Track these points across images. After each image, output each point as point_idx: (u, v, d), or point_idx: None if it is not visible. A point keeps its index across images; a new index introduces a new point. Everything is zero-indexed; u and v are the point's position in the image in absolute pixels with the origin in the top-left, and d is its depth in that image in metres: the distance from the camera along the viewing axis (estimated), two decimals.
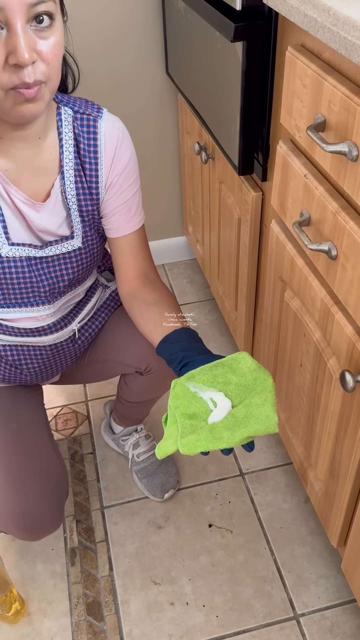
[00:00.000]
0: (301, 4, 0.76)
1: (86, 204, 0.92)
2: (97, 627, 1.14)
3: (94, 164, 0.89)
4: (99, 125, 0.88)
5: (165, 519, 1.30)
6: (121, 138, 0.91)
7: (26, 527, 0.99)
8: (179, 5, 1.31)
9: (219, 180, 1.38)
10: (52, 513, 1.01)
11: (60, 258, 0.93)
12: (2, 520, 1.00)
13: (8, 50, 0.67)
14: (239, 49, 0.98)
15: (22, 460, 1.00)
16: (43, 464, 1.02)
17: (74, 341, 1.08)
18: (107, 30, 1.52)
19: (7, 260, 0.89)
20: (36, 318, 0.98)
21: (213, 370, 0.79)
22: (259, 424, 0.73)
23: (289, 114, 0.87)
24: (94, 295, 1.09)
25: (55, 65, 0.73)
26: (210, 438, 0.73)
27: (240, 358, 0.80)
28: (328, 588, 1.17)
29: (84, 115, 0.88)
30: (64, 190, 0.89)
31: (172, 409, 0.78)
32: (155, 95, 1.67)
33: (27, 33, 0.68)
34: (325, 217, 0.80)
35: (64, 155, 0.87)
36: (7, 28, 0.67)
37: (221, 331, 1.77)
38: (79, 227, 0.93)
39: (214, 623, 1.13)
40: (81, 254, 0.95)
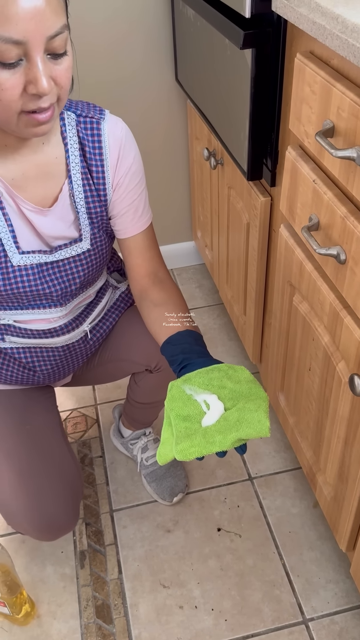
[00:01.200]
0: (310, 11, 0.77)
1: (94, 205, 0.93)
2: (106, 629, 1.14)
3: (100, 166, 0.90)
4: (102, 127, 0.89)
5: (174, 522, 1.31)
6: (124, 139, 0.92)
7: (42, 527, 1.00)
8: (188, 13, 1.32)
9: (227, 186, 1.39)
10: (68, 512, 1.02)
11: (70, 261, 0.95)
12: (18, 521, 1.01)
13: (27, 80, 0.70)
14: (248, 56, 0.99)
15: (37, 460, 1.01)
16: (57, 464, 1.03)
17: (85, 342, 1.10)
18: (117, 38, 1.54)
19: (19, 268, 0.91)
20: (48, 320, 1.00)
21: (209, 374, 0.81)
22: (251, 428, 0.74)
23: (298, 120, 0.87)
24: (104, 296, 1.10)
25: (68, 86, 0.75)
26: (203, 443, 0.74)
27: (238, 368, 0.82)
28: (337, 593, 1.17)
29: (87, 119, 0.89)
30: (73, 194, 0.90)
31: (167, 411, 0.79)
32: (164, 102, 1.68)
33: (45, 64, 0.70)
34: (334, 221, 0.81)
35: (70, 159, 0.89)
36: (27, 59, 0.69)
37: (230, 335, 1.77)
38: (88, 229, 0.94)
39: (223, 627, 1.13)
40: (90, 255, 0.96)
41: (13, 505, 0.99)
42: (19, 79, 0.69)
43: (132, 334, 1.13)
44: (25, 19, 0.65)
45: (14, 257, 0.90)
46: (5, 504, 1.01)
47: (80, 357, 1.13)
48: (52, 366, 1.08)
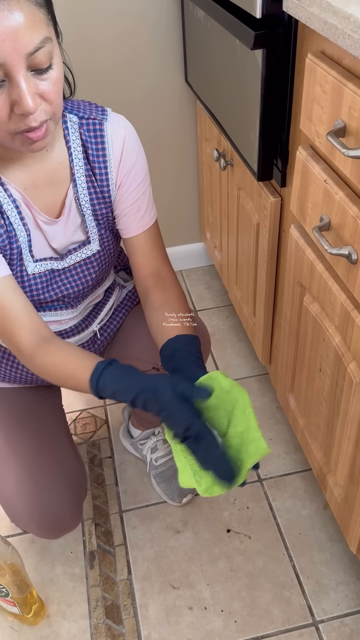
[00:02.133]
0: (321, 11, 0.77)
1: (100, 207, 0.93)
2: (116, 630, 1.14)
3: (103, 167, 0.90)
4: (105, 128, 0.89)
5: (183, 523, 1.31)
6: (127, 137, 0.91)
7: (45, 525, 1.01)
8: (198, 14, 1.32)
9: (237, 187, 1.39)
10: (71, 511, 1.02)
11: (81, 264, 0.95)
12: (22, 519, 1.01)
13: (12, 101, 0.69)
14: (259, 56, 0.99)
15: (42, 459, 1.02)
16: (62, 462, 1.04)
17: (94, 342, 1.10)
18: (126, 39, 1.54)
19: (33, 277, 0.92)
20: (59, 322, 1.00)
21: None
22: (253, 456, 0.75)
23: (309, 119, 0.87)
24: (112, 295, 1.11)
25: (58, 100, 0.74)
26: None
27: (214, 379, 0.79)
28: (347, 595, 1.16)
29: (89, 120, 0.88)
30: (78, 198, 0.91)
31: (171, 443, 0.78)
32: (174, 103, 1.69)
33: (29, 81, 0.68)
34: (345, 221, 0.81)
35: (74, 163, 0.89)
36: (9, 79, 0.67)
37: (239, 337, 1.77)
38: (95, 230, 0.95)
39: (233, 628, 1.13)
40: (100, 256, 0.97)
41: (17, 502, 1.00)
42: (4, 101, 0.68)
43: (138, 332, 1.14)
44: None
45: (29, 265, 0.91)
46: (9, 502, 1.01)
47: None
48: None
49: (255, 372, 1.65)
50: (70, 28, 1.49)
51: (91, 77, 1.57)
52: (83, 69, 1.56)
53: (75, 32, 1.50)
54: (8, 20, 0.64)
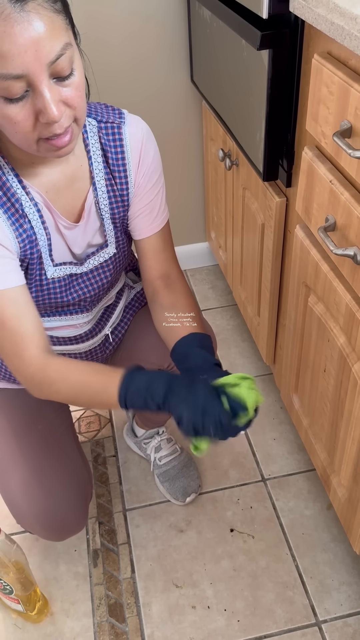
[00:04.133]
0: (328, 12, 0.77)
1: (118, 210, 0.94)
2: (119, 628, 1.15)
3: (122, 171, 0.91)
4: (124, 131, 0.89)
5: (186, 522, 1.31)
6: (145, 140, 0.91)
7: (51, 528, 1.01)
8: (204, 14, 1.33)
9: (242, 187, 1.39)
10: (77, 513, 1.03)
11: (98, 268, 0.96)
12: (28, 521, 1.02)
13: (37, 110, 0.68)
14: (265, 57, 0.99)
15: (48, 461, 1.02)
16: (68, 465, 1.04)
17: (106, 345, 1.11)
18: (132, 38, 1.55)
19: (52, 281, 0.92)
20: (74, 326, 1.01)
21: None
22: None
23: (315, 120, 0.87)
24: (122, 297, 1.11)
25: (82, 105, 0.73)
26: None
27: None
28: (350, 595, 1.16)
29: (107, 124, 0.89)
30: (97, 201, 0.91)
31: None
32: (179, 103, 1.69)
33: (52, 89, 0.68)
34: (351, 222, 0.81)
35: (93, 166, 0.89)
36: (32, 89, 0.67)
37: (243, 337, 1.77)
38: (112, 234, 0.95)
39: (235, 627, 1.13)
40: (116, 259, 0.98)
41: (23, 505, 1.00)
42: (29, 110, 0.68)
43: (145, 334, 1.14)
44: (20, 52, 0.63)
45: (49, 269, 0.91)
46: (15, 503, 1.02)
47: (101, 360, 1.14)
48: None
49: (259, 372, 1.65)
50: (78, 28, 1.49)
51: (98, 77, 1.57)
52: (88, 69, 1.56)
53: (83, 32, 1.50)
54: (29, 31, 0.63)
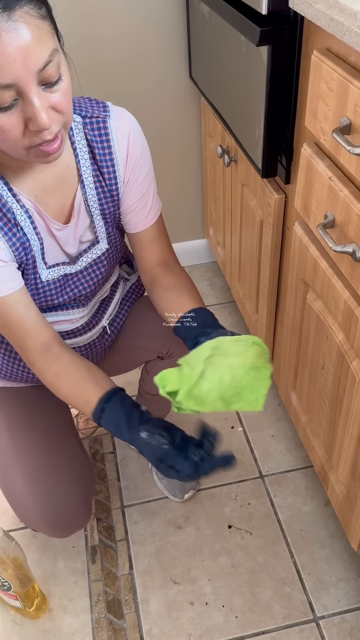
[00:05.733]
0: (328, 8, 0.77)
1: (108, 206, 0.93)
2: (117, 624, 1.15)
3: (110, 165, 0.90)
4: (109, 125, 0.88)
5: (185, 519, 1.31)
6: (131, 132, 0.90)
7: (55, 525, 1.01)
8: (203, 10, 1.32)
9: (241, 183, 1.39)
10: (81, 509, 1.03)
11: (92, 265, 0.96)
12: (31, 518, 1.02)
13: (26, 118, 0.68)
14: (264, 53, 0.99)
15: (50, 458, 1.02)
16: (70, 461, 1.04)
17: (104, 337, 1.11)
18: (130, 34, 1.54)
19: (47, 283, 0.92)
20: (71, 321, 1.01)
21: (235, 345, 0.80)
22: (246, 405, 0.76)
23: (314, 117, 0.87)
24: (117, 289, 1.11)
25: (70, 109, 0.73)
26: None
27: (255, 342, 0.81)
28: (348, 591, 1.17)
29: (92, 119, 0.87)
30: (86, 199, 0.90)
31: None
32: (178, 99, 1.68)
33: (41, 97, 0.67)
34: (350, 219, 0.81)
35: (80, 164, 0.88)
36: (22, 97, 0.67)
37: (241, 334, 1.77)
38: (103, 230, 0.95)
39: (233, 623, 1.13)
40: (109, 254, 0.98)
41: (26, 502, 1.00)
42: (18, 118, 0.68)
43: (143, 323, 1.15)
44: (9, 62, 0.63)
45: (42, 272, 0.91)
46: (18, 501, 1.02)
47: (100, 352, 1.14)
48: None
49: None
50: (76, 24, 1.49)
51: (96, 73, 1.57)
52: (88, 65, 1.55)
53: (82, 28, 1.50)
54: (17, 40, 0.63)
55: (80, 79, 1.56)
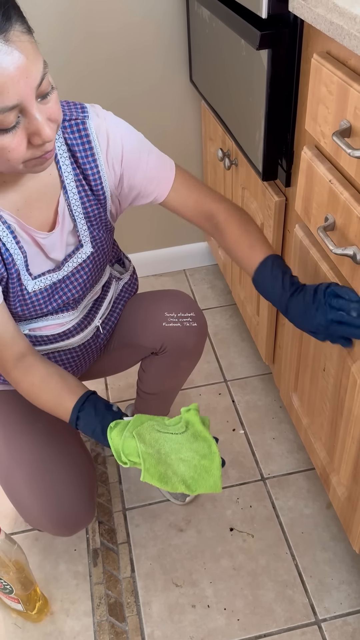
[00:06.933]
0: (327, 11, 0.77)
1: (92, 208, 0.93)
2: (119, 627, 1.15)
3: (94, 167, 0.90)
4: (89, 125, 0.88)
5: (186, 522, 1.31)
6: (109, 128, 0.90)
7: (60, 523, 1.01)
8: (203, 14, 1.33)
9: (241, 186, 1.39)
10: (85, 506, 1.03)
11: (78, 269, 0.96)
12: (35, 518, 1.02)
13: (30, 133, 0.70)
14: (264, 56, 0.99)
15: (50, 456, 1.02)
16: (72, 458, 1.04)
17: (98, 337, 1.11)
18: (131, 37, 1.55)
19: (35, 293, 0.93)
20: (61, 324, 1.01)
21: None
22: (207, 488, 0.84)
23: (314, 120, 0.87)
24: (109, 289, 1.12)
25: (61, 115, 0.75)
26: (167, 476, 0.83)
27: (190, 422, 0.85)
28: (350, 594, 1.17)
29: (71, 122, 0.87)
30: (69, 204, 0.91)
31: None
32: (178, 103, 1.69)
33: (41, 111, 0.69)
34: (350, 221, 0.81)
35: (62, 170, 0.88)
36: (24, 115, 0.68)
37: (242, 336, 1.77)
38: (87, 233, 0.94)
39: (235, 626, 1.13)
40: (95, 257, 0.98)
41: (29, 502, 1.00)
42: (21, 135, 0.69)
43: (136, 320, 1.15)
44: (13, 83, 0.64)
45: (28, 284, 0.91)
46: (21, 501, 1.02)
47: (96, 352, 1.15)
48: (71, 367, 1.10)
49: (258, 372, 1.66)
50: (76, 26, 1.49)
51: (96, 77, 1.58)
52: (88, 68, 1.56)
53: (82, 30, 1.50)
54: (18, 61, 0.64)
55: (81, 83, 1.58)
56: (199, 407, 1.56)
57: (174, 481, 0.83)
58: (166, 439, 0.84)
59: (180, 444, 0.84)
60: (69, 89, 1.55)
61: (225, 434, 1.49)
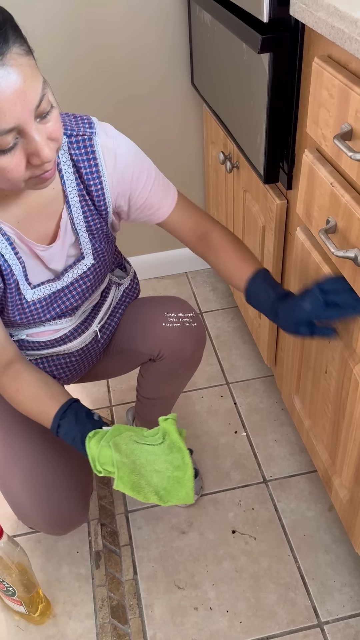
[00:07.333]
0: (329, 15, 0.77)
1: (95, 222, 0.93)
2: (122, 630, 1.15)
3: (98, 183, 0.90)
4: (95, 142, 0.88)
5: (188, 524, 1.31)
6: (117, 149, 0.90)
7: (53, 522, 1.02)
8: (205, 18, 1.33)
9: (243, 189, 1.39)
10: (78, 506, 1.04)
11: (77, 280, 0.97)
12: (30, 516, 1.02)
13: (28, 154, 0.70)
14: (266, 60, 0.99)
15: (47, 456, 1.03)
16: (67, 459, 1.05)
17: (96, 342, 1.12)
18: (132, 42, 1.55)
19: (33, 302, 0.94)
20: (56, 330, 1.02)
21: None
22: (179, 499, 0.86)
23: (315, 123, 0.88)
24: (108, 295, 1.12)
25: (62, 133, 0.74)
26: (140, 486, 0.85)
27: (166, 431, 0.86)
28: (352, 596, 1.17)
29: (78, 137, 0.87)
30: (72, 218, 0.91)
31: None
32: (180, 106, 1.69)
33: (40, 131, 0.69)
34: (351, 224, 0.81)
35: (66, 185, 0.88)
36: (22, 136, 0.68)
37: (244, 339, 1.77)
38: (88, 245, 0.95)
39: (238, 629, 1.13)
40: (95, 268, 0.98)
41: (24, 500, 1.01)
42: (20, 156, 0.70)
43: (135, 326, 1.16)
44: (10, 107, 0.64)
45: (27, 293, 0.92)
46: (16, 500, 1.02)
47: (95, 356, 1.15)
48: (69, 370, 1.11)
49: (260, 374, 1.66)
50: (79, 32, 1.50)
51: (98, 81, 1.58)
52: (90, 72, 1.57)
53: (85, 36, 1.51)
54: (15, 84, 0.64)
55: (82, 86, 1.58)
56: (201, 409, 1.56)
57: (147, 491, 0.84)
58: (142, 450, 0.85)
59: (156, 455, 0.84)
60: (73, 98, 1.55)
61: (227, 437, 1.49)
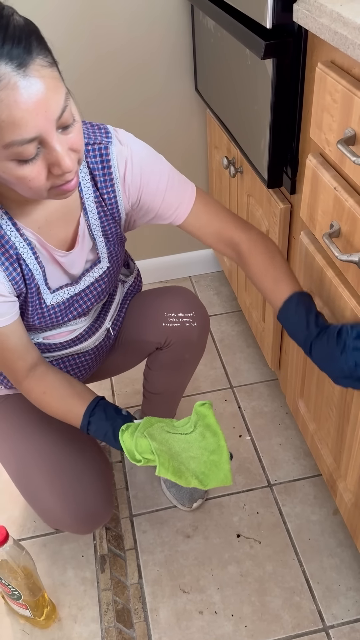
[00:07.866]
0: (332, 22, 0.78)
1: (110, 227, 0.95)
2: (127, 634, 1.15)
3: (111, 192, 0.91)
4: (111, 152, 0.89)
5: (193, 528, 1.31)
6: (128, 155, 0.91)
7: (81, 519, 1.03)
8: (208, 24, 1.34)
9: (247, 194, 1.40)
10: (104, 501, 1.05)
11: (94, 283, 0.99)
12: (56, 516, 1.03)
13: (50, 164, 0.70)
14: (269, 66, 1.00)
15: (68, 455, 1.04)
16: (88, 455, 1.06)
17: (108, 337, 1.14)
18: (136, 47, 1.56)
19: (52, 307, 0.95)
20: (71, 331, 1.03)
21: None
22: (218, 482, 0.87)
23: (319, 128, 0.88)
24: (116, 292, 1.13)
25: (83, 145, 0.75)
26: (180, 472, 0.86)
27: (203, 415, 0.89)
28: (358, 600, 1.16)
29: (94, 146, 0.88)
30: (89, 224, 0.92)
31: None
32: (184, 111, 1.70)
33: (61, 142, 0.69)
34: (355, 228, 0.82)
35: (83, 192, 0.90)
36: (44, 146, 0.69)
37: (248, 342, 1.78)
38: (104, 250, 0.97)
39: (243, 633, 1.13)
40: (110, 271, 1.00)
41: (51, 501, 1.01)
42: (41, 165, 0.70)
43: (139, 316, 1.17)
44: (32, 117, 0.65)
45: (47, 297, 0.94)
46: (42, 502, 1.03)
47: (106, 353, 1.18)
48: (84, 369, 1.12)
49: (264, 378, 1.66)
50: (82, 36, 1.51)
51: (102, 86, 1.59)
52: (94, 77, 1.58)
53: (89, 41, 1.52)
54: (37, 95, 0.64)
55: (88, 93, 1.59)
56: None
57: (187, 475, 0.85)
58: (175, 439, 0.87)
59: (189, 443, 0.86)
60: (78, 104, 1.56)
61: (231, 440, 1.49)
